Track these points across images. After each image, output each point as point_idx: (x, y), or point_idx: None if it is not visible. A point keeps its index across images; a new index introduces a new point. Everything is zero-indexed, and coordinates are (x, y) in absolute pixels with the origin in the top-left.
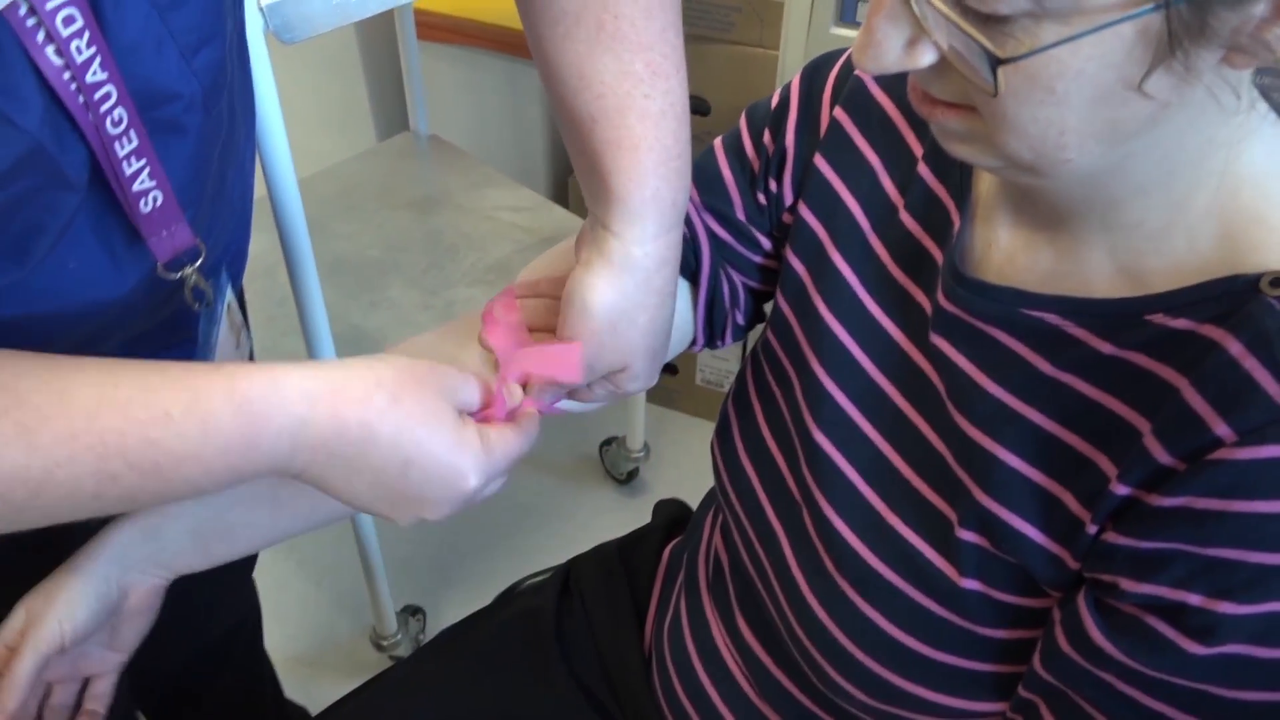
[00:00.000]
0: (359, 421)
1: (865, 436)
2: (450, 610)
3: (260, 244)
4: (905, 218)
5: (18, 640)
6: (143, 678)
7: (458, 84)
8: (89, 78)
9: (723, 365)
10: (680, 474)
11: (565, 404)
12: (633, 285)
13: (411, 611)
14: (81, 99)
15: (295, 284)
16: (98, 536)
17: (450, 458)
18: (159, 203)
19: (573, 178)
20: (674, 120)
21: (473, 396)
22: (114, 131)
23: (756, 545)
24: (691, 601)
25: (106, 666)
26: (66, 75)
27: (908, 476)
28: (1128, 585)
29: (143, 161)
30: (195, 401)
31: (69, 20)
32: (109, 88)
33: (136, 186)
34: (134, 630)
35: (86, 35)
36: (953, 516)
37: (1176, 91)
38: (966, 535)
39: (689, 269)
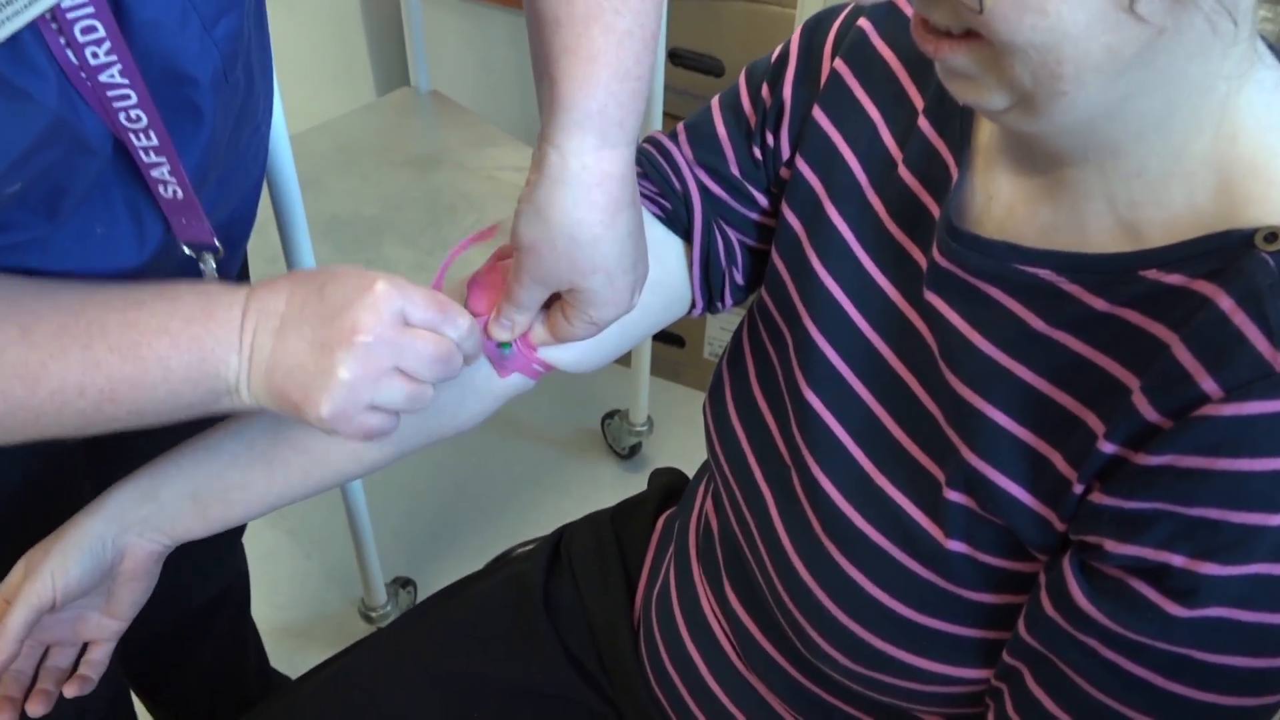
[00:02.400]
0: (289, 278)
1: (856, 395)
2: (442, 583)
3: None
4: (904, 172)
5: (15, 594)
6: (128, 643)
7: (461, 37)
8: (104, 78)
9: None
10: (683, 449)
11: (555, 354)
12: (570, 199)
13: (402, 583)
14: (98, 96)
15: (286, 242)
16: (98, 498)
17: (361, 271)
18: (179, 196)
19: None
20: (639, 43)
21: (424, 312)
22: (130, 126)
23: (744, 508)
24: (681, 570)
25: (104, 633)
26: (83, 75)
27: (897, 436)
28: (1112, 546)
29: (163, 159)
30: (164, 290)
31: (88, 30)
32: (128, 92)
33: (155, 174)
34: (130, 596)
35: (106, 45)
36: (941, 477)
37: (1171, 15)
38: (954, 496)
39: (681, 226)
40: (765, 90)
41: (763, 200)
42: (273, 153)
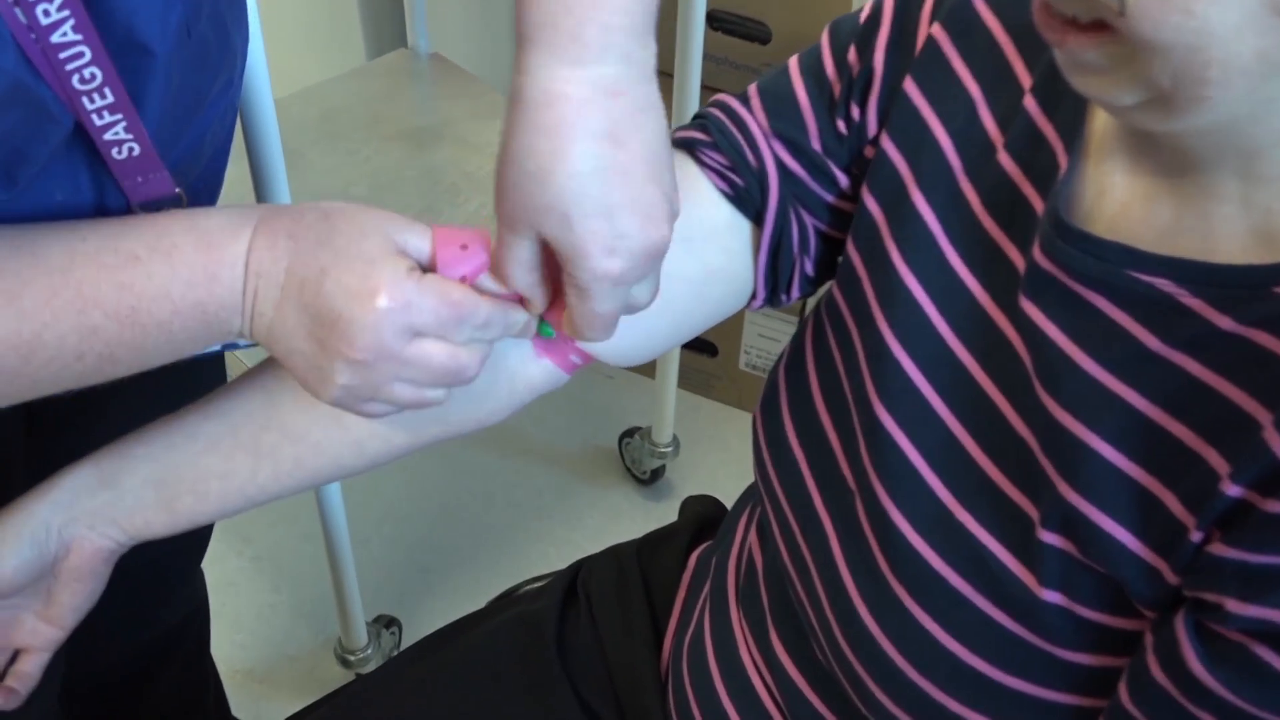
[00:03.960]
0: (288, 234)
1: (935, 415)
2: (431, 623)
3: (228, 174)
4: (1003, 158)
5: None
6: (71, 682)
7: None
8: (55, 38)
9: (773, 347)
10: (713, 474)
11: (592, 346)
12: (517, 124)
13: (385, 623)
14: (47, 60)
15: None
16: (49, 478)
17: (364, 267)
18: (135, 153)
19: None
20: None
21: (421, 243)
22: (83, 88)
23: (799, 540)
24: (717, 613)
25: (38, 640)
26: (32, 36)
27: (983, 465)
28: (1234, 607)
29: (118, 116)
30: (159, 239)
31: None
32: (81, 49)
33: (109, 136)
34: (72, 600)
35: (57, 1)
36: (1034, 515)
37: None
38: (1049, 538)
39: (752, 206)
40: (853, 54)
41: (843, 181)
42: (254, 121)
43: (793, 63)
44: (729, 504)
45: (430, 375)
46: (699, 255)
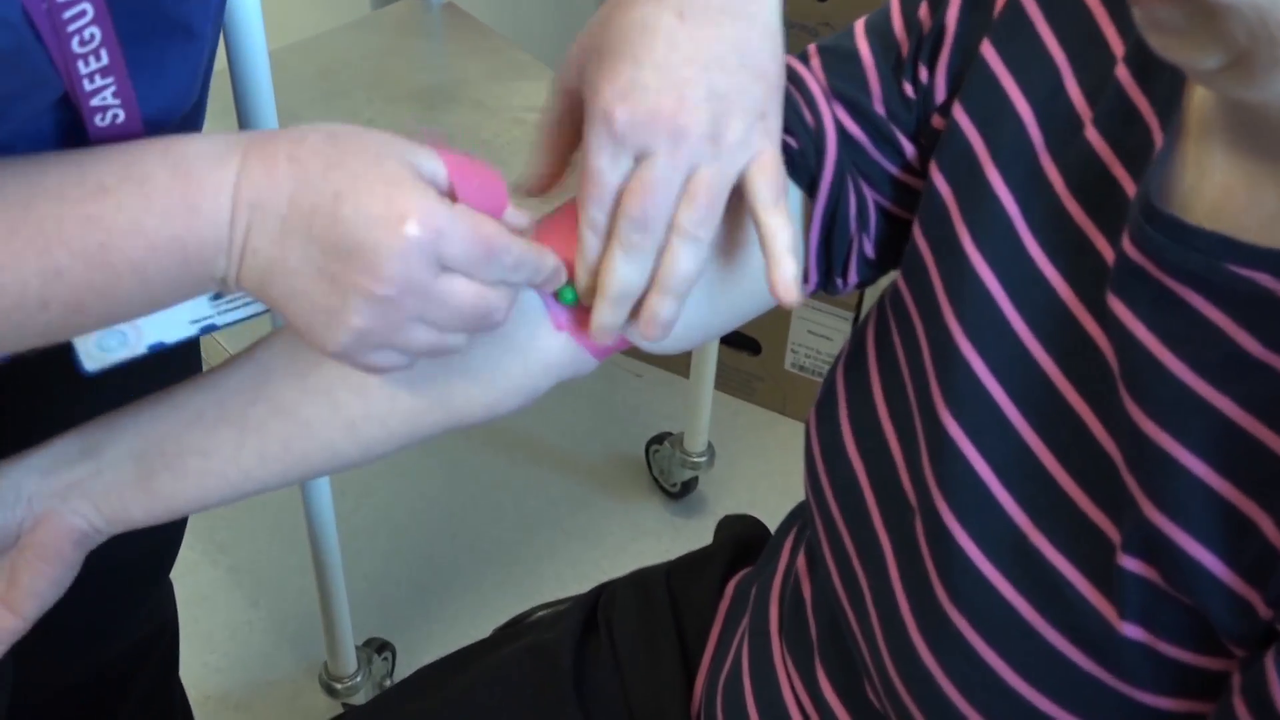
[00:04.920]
0: (288, 157)
1: (1008, 423)
2: (430, 649)
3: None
4: (1092, 134)
5: None
6: (22, 707)
7: None
8: None
9: (824, 346)
10: (754, 489)
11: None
12: None
13: (378, 647)
14: (51, 22)
15: None
16: (35, 446)
17: (387, 190)
18: (119, 120)
19: None
20: None
21: (438, 169)
22: (81, 50)
23: (855, 564)
24: (757, 648)
25: None
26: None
27: (1061, 481)
28: None
29: (109, 80)
30: (130, 167)
31: None
32: (84, 5)
33: (96, 101)
34: (35, 584)
35: None
36: (1115, 538)
37: None
38: (1130, 563)
39: (806, 172)
40: (924, 10)
41: (909, 150)
42: (245, 75)
43: (859, 23)
44: (771, 524)
45: (456, 317)
46: (743, 222)
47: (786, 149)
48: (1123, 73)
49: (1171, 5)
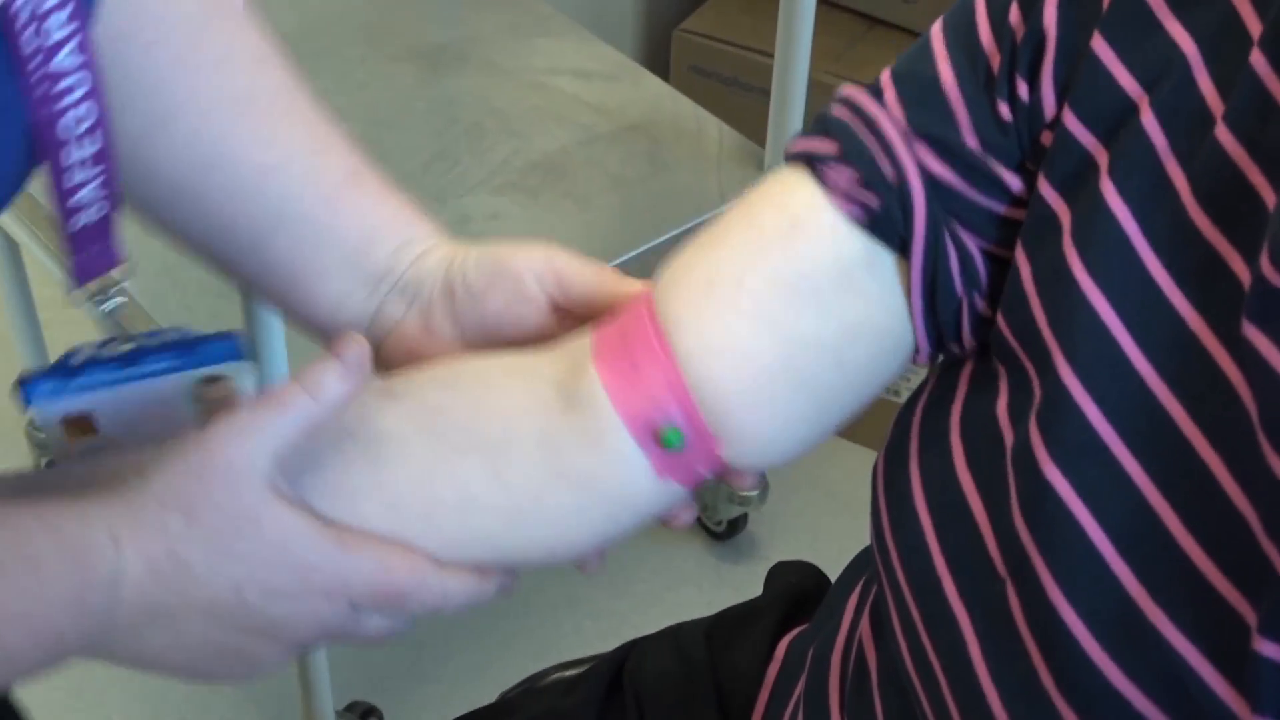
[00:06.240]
0: (167, 554)
1: (1127, 479)
2: (423, 717)
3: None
4: (1222, 134)
5: None
6: None
7: None
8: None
9: None
10: (814, 530)
11: (738, 445)
12: None
13: (362, 713)
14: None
15: None
16: None
17: (284, 559)
18: (105, 212)
19: (678, 33)
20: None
21: (303, 406)
22: (77, 131)
23: (924, 635)
24: None
25: None
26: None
27: (1186, 548)
28: None
29: (100, 168)
30: (19, 543)
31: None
32: (83, 73)
33: (77, 199)
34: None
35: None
36: (1250, 619)
37: None
38: (1269, 649)
39: (895, 232)
40: (1015, 13)
41: (1014, 184)
42: None
43: (935, 30)
44: (833, 573)
45: (394, 621)
46: (831, 310)
47: (866, 209)
48: (1258, 59)
49: None
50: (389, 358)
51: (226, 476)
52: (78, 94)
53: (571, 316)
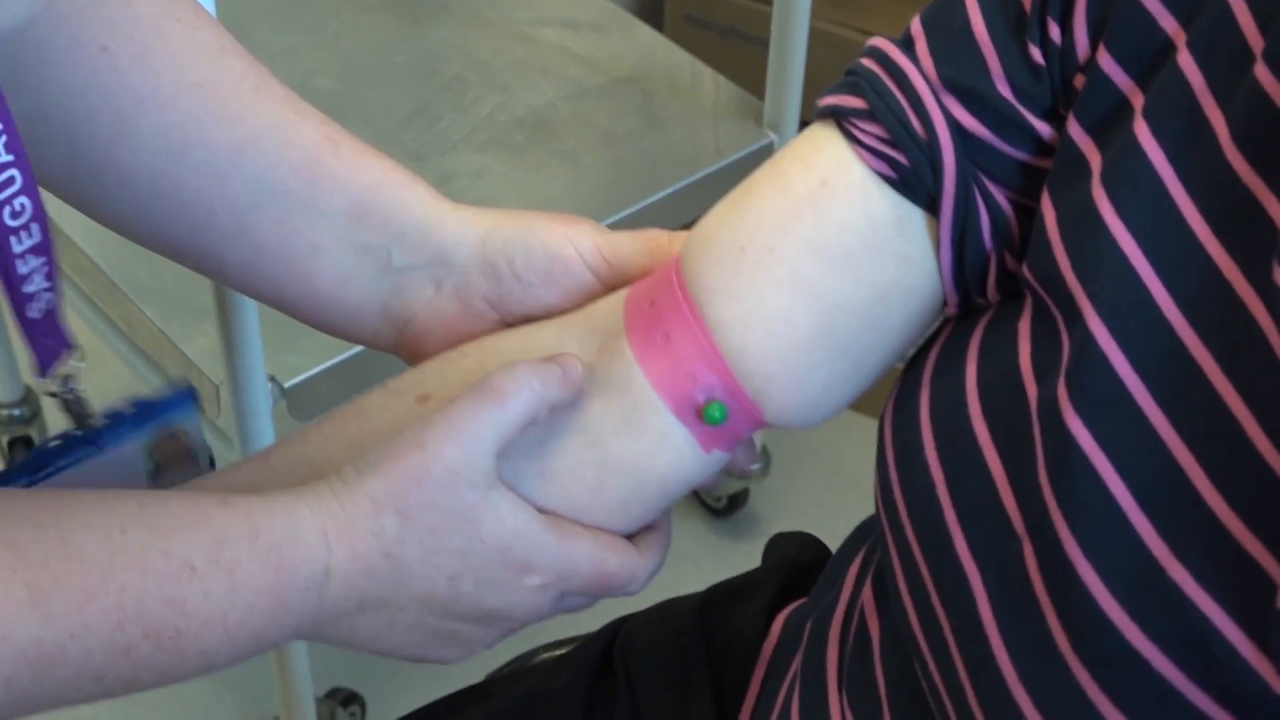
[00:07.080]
0: (383, 554)
1: (1154, 432)
2: (406, 700)
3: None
4: (1262, 72)
5: None
6: None
7: None
8: None
9: None
10: (820, 505)
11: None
12: None
13: (343, 700)
14: None
15: None
16: None
17: (499, 554)
18: (52, 305)
19: None
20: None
21: (527, 401)
22: (13, 224)
23: (932, 596)
24: (810, 700)
25: None
26: None
27: (1213, 504)
28: None
29: (42, 259)
30: (218, 548)
31: None
32: (13, 171)
33: (28, 288)
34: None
35: None
36: (1278, 577)
37: None
38: None
39: (924, 189)
40: None
41: (1044, 131)
42: None
43: None
44: (833, 545)
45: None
46: (863, 273)
47: (896, 166)
48: None
49: None
50: (419, 337)
51: (444, 479)
52: (13, 189)
53: (616, 285)
